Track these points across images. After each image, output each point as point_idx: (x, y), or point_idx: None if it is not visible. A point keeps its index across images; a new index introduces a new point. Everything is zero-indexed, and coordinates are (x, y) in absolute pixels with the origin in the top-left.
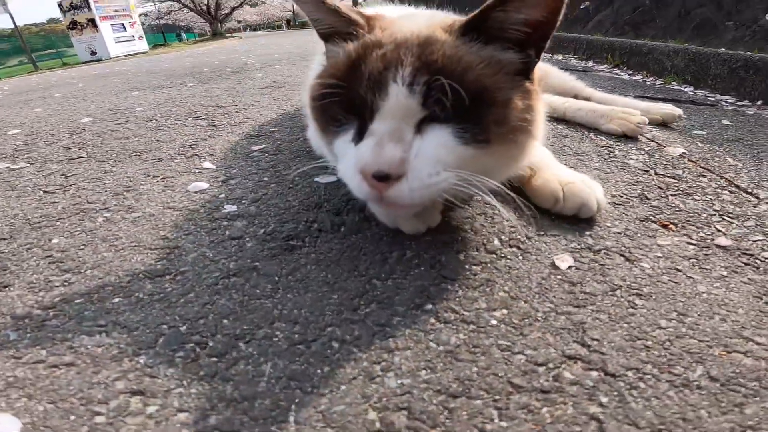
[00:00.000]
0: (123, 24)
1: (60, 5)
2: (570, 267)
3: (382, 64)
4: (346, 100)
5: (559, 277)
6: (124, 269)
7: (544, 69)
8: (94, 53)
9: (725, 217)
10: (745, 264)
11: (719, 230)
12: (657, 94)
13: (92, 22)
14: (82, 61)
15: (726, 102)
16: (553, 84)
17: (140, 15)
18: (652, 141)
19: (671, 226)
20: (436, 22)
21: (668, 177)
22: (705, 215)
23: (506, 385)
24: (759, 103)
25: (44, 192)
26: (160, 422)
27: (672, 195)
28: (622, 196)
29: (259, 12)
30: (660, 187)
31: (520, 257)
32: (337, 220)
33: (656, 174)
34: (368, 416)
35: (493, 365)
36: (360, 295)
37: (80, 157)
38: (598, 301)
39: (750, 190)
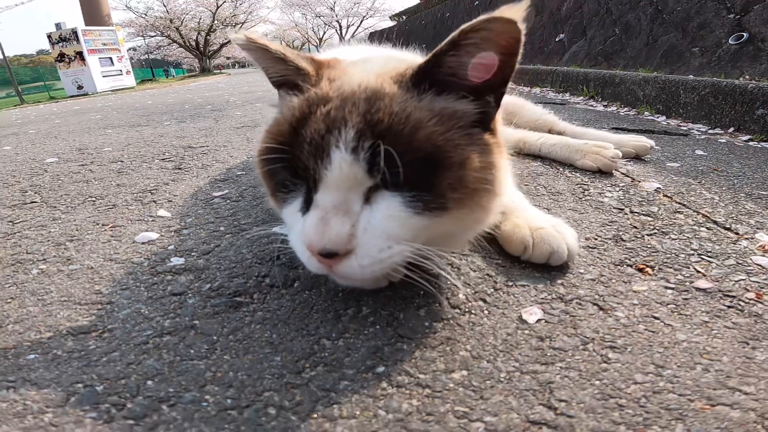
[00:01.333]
0: (111, 58)
1: (49, 37)
2: (539, 320)
3: (325, 125)
4: (291, 165)
5: (526, 332)
6: (47, 325)
7: (518, 104)
8: (80, 87)
9: (704, 257)
10: (728, 307)
11: (698, 271)
12: (631, 125)
13: (80, 55)
14: (68, 96)
15: (698, 131)
16: (527, 118)
17: (129, 49)
18: (627, 176)
19: (648, 269)
20: (389, 68)
21: (644, 215)
22: (683, 255)
23: None
24: (731, 130)
25: None
26: None
27: (648, 235)
28: (596, 239)
29: None
30: (635, 227)
31: (486, 311)
32: (292, 274)
33: (631, 212)
34: None
35: None
36: (306, 357)
37: (33, 202)
38: (568, 357)
39: (728, 226)
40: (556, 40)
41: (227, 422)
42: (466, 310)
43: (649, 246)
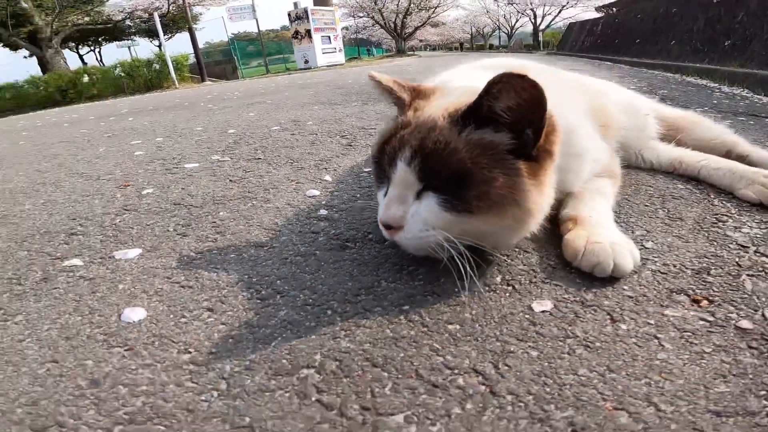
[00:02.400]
0: (329, 36)
1: (289, 15)
2: (544, 311)
3: (398, 144)
4: (381, 167)
5: (526, 316)
6: (245, 238)
7: (690, 119)
8: (306, 62)
9: None
10: (749, 347)
11: (763, 316)
12: None
13: (308, 32)
14: (298, 68)
15: None
16: (698, 137)
17: (342, 29)
18: None
19: (703, 301)
20: (458, 102)
21: (766, 257)
22: (765, 299)
23: (413, 371)
24: None
25: (230, 180)
26: (208, 326)
27: (749, 275)
28: (675, 266)
29: (439, 32)
30: (739, 265)
31: (508, 294)
32: None
33: (756, 252)
34: (315, 357)
35: (416, 357)
36: (366, 288)
37: (258, 159)
38: (541, 341)
39: None
40: None
41: (302, 311)
42: (493, 289)
43: (734, 285)
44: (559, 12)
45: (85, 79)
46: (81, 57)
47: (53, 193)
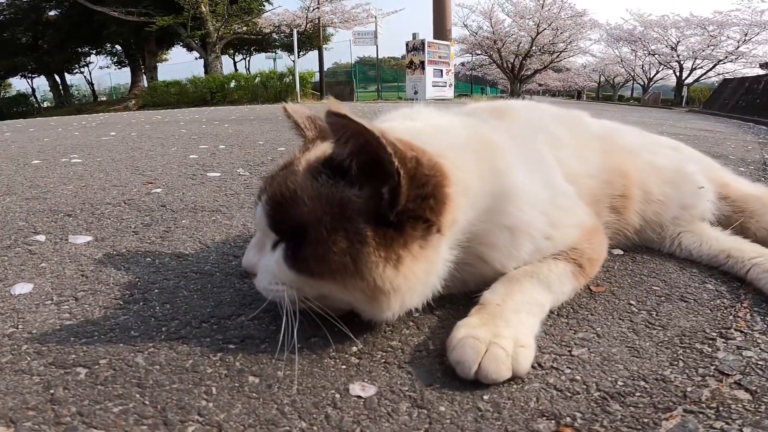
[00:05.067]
0: (441, 70)
1: (407, 45)
2: (359, 396)
3: (265, 186)
4: None
5: (335, 395)
6: (175, 248)
7: (765, 199)
8: (416, 92)
9: None
10: None
11: None
12: None
13: (422, 64)
14: (408, 98)
15: None
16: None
17: (460, 64)
18: None
19: None
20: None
21: (737, 388)
22: None
23: (162, 403)
24: None
25: (224, 194)
26: (59, 312)
27: (688, 411)
28: (583, 385)
29: (561, 78)
30: (687, 397)
31: (344, 367)
32: None
33: (734, 383)
34: (101, 361)
35: (182, 392)
36: (219, 318)
37: None
38: (318, 425)
39: None
40: None
41: (142, 321)
42: (335, 357)
43: (641, 420)
44: (713, 66)
45: (232, 84)
46: (235, 64)
47: (97, 180)
